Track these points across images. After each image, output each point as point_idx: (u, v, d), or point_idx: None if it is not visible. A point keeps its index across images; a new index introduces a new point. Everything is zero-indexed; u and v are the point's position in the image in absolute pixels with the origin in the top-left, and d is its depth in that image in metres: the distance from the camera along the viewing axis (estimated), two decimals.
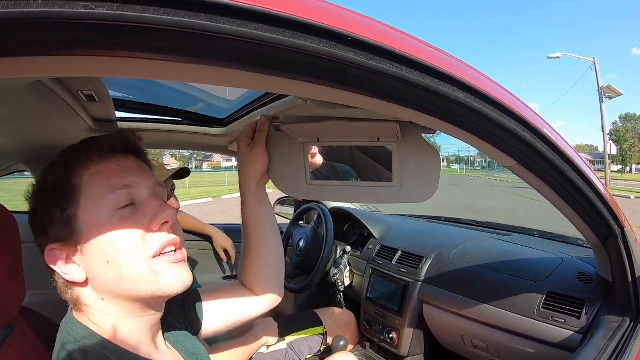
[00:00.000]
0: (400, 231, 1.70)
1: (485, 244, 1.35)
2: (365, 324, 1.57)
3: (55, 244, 0.55)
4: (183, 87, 1.48)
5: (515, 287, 1.06)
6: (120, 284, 0.55)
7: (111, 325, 0.58)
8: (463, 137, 0.60)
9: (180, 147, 1.80)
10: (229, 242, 2.03)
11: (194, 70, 0.40)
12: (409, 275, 1.38)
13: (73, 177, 0.56)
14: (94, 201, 0.55)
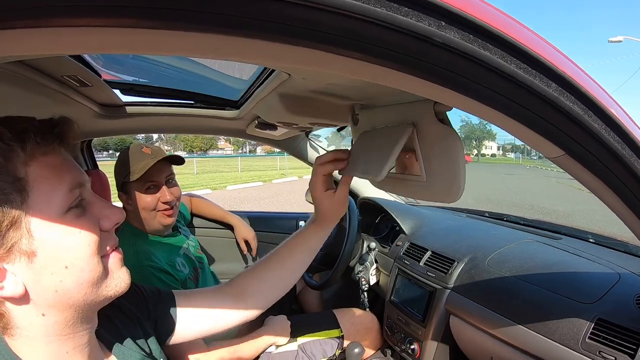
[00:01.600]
0: (433, 227, 1.52)
1: (529, 249, 1.14)
2: (387, 330, 1.43)
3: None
4: (196, 67, 1.41)
5: (558, 307, 0.86)
6: (74, 290, 0.50)
7: (45, 350, 0.52)
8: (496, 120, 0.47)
9: (196, 132, 1.75)
10: (251, 233, 1.98)
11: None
12: (437, 281, 1.21)
13: (17, 167, 0.47)
14: (45, 198, 0.48)
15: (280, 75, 0.83)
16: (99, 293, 0.53)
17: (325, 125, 1.37)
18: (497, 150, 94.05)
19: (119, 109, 1.37)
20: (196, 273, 1.41)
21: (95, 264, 0.52)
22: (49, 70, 0.86)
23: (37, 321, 0.50)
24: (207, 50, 0.37)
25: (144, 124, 1.52)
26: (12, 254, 0.46)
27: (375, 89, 0.67)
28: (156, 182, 1.30)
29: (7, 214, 0.45)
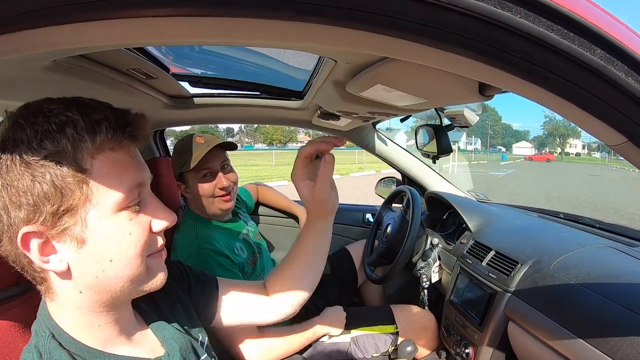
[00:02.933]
0: (500, 226, 1.42)
1: (599, 255, 1.01)
2: (444, 331, 1.39)
3: (35, 227, 0.48)
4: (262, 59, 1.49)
5: (624, 324, 0.76)
6: (113, 281, 0.54)
7: (79, 319, 0.56)
8: (550, 103, 0.44)
9: (261, 122, 1.84)
10: None
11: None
12: (498, 283, 1.14)
13: (84, 157, 0.49)
14: (104, 194, 0.51)
15: (328, 62, 0.84)
16: (136, 288, 0.57)
17: (385, 114, 1.35)
18: (582, 148, 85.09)
19: (187, 100, 1.49)
20: (254, 258, 1.48)
21: (139, 264, 0.55)
22: (114, 64, 0.95)
23: (74, 296, 0.54)
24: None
25: (211, 114, 1.64)
26: (64, 235, 0.50)
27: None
28: (211, 169, 1.37)
29: (66, 199, 0.48)
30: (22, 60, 0.65)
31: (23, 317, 0.69)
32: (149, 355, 0.62)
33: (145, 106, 1.39)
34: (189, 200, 1.44)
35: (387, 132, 13.87)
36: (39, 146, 0.47)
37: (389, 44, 0.41)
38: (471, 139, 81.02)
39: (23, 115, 0.49)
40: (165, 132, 1.95)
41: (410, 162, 2.08)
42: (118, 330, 0.60)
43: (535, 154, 69.10)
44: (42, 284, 0.54)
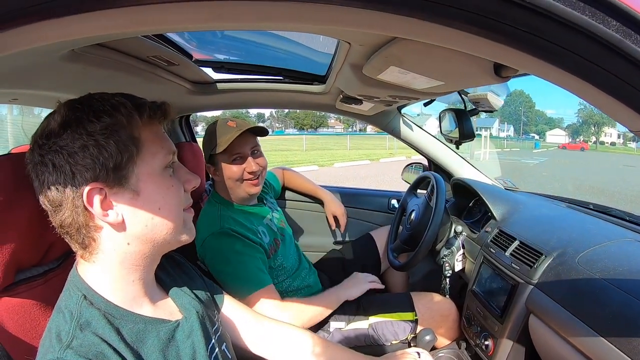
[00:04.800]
0: (526, 215, 1.36)
1: (627, 249, 0.95)
2: (464, 321, 1.36)
3: (98, 184, 0.59)
4: (284, 44, 1.48)
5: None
6: (159, 228, 0.65)
7: (117, 274, 0.65)
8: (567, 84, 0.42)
9: (283, 106, 1.85)
10: (341, 209, 2.02)
11: None
12: (521, 274, 1.10)
13: (134, 129, 0.62)
14: (152, 155, 0.64)
15: (343, 45, 0.82)
16: (175, 236, 0.67)
17: (406, 98, 1.32)
18: (618, 138, 79.98)
19: (210, 85, 1.51)
20: (276, 245, 1.50)
21: (178, 212, 0.67)
22: (134, 52, 0.98)
23: (122, 248, 0.64)
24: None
25: (235, 99, 1.65)
26: (122, 190, 0.61)
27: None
28: (242, 153, 1.38)
29: (124, 159, 0.60)
30: (39, 51, 0.68)
31: (46, 296, 0.73)
32: (169, 318, 0.71)
33: (169, 92, 1.42)
34: (216, 183, 1.47)
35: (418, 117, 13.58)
36: (99, 120, 0.59)
37: (397, 23, 0.40)
38: (504, 125, 78.04)
39: (78, 102, 0.61)
40: (196, 119, 1.99)
41: (436, 148, 2.03)
42: (145, 290, 0.69)
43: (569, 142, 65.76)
44: (88, 247, 0.63)
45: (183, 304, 0.75)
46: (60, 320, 0.60)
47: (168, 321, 0.69)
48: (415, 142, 2.04)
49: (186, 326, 0.71)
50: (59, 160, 0.58)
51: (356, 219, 2.15)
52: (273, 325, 0.96)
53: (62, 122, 0.59)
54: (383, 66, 0.73)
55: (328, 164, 14.90)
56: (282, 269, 1.49)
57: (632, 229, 1.10)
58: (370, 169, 13.27)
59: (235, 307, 0.93)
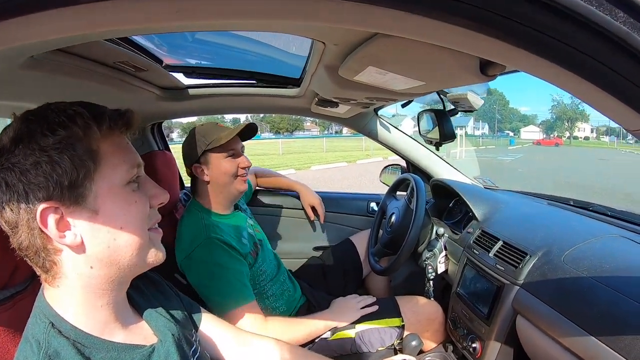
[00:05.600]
0: (508, 214, 1.36)
1: (612, 245, 0.96)
2: (450, 324, 1.35)
3: (52, 204, 0.54)
4: (256, 46, 1.44)
5: (638, 320, 0.72)
6: (123, 250, 0.60)
7: (83, 300, 0.60)
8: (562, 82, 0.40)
9: (258, 111, 1.80)
10: (317, 199, 2.00)
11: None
12: (506, 275, 1.09)
13: (92, 141, 0.58)
14: (111, 169, 0.59)
15: (318, 46, 0.79)
16: (141, 258, 0.63)
17: (384, 100, 1.29)
18: (591, 132, 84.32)
19: (182, 91, 1.45)
20: (256, 248, 1.48)
21: (143, 232, 0.62)
22: (100, 58, 0.92)
23: (85, 272, 0.59)
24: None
25: (208, 105, 1.60)
26: (79, 208, 0.56)
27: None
28: (236, 150, 1.41)
29: (80, 175, 0.55)
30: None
31: (14, 322, 0.69)
32: (143, 343, 0.66)
33: (138, 100, 1.35)
34: (199, 188, 1.44)
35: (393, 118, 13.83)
36: (53, 133, 0.54)
37: (379, 16, 0.37)
38: (479, 123, 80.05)
39: (32, 113, 0.57)
40: (172, 125, 1.93)
41: (414, 149, 2.02)
42: (115, 315, 0.64)
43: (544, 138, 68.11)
44: (50, 271, 0.58)
45: (158, 327, 0.70)
46: (27, 350, 0.56)
47: (142, 346, 0.65)
48: (392, 144, 2.03)
49: (162, 350, 0.67)
50: (12, 179, 0.54)
51: (335, 224, 2.12)
52: (255, 342, 0.93)
53: (14, 137, 0.55)
54: (360, 67, 0.70)
55: (305, 167, 14.87)
56: (262, 273, 1.46)
57: (615, 224, 1.11)
58: (347, 171, 13.32)
59: (214, 324, 0.89)
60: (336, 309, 1.44)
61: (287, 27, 0.64)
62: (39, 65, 0.77)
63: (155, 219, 0.67)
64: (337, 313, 1.41)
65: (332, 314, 1.41)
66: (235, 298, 1.24)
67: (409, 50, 0.53)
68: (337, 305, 1.46)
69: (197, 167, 1.40)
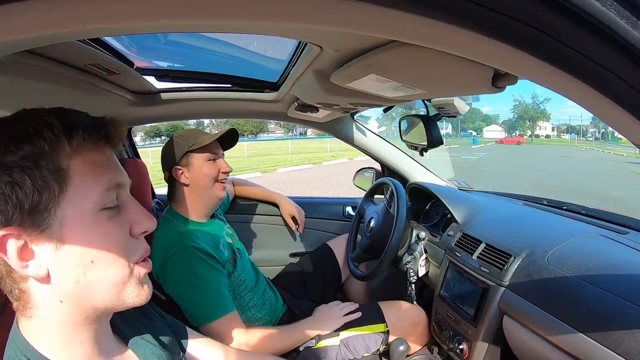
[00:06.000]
0: (488, 216, 1.40)
1: (593, 245, 1.01)
2: (435, 326, 1.37)
3: (12, 229, 0.47)
4: (232, 49, 1.39)
5: (625, 316, 0.75)
6: (95, 287, 0.53)
7: (60, 335, 0.54)
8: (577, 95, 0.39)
9: (234, 116, 1.76)
10: (297, 208, 1.98)
11: None
12: (491, 277, 1.12)
13: (61, 158, 0.49)
14: (82, 193, 0.51)
15: (311, 49, 0.77)
16: (118, 297, 0.55)
17: (368, 105, 1.29)
18: (552, 131, 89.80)
19: (154, 96, 1.39)
20: (235, 256, 1.45)
21: (121, 267, 0.54)
22: (70, 60, 0.86)
23: (55, 306, 0.52)
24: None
25: (181, 109, 1.54)
26: (43, 236, 0.49)
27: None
28: (217, 154, 1.40)
29: (44, 199, 0.48)
30: None
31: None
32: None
33: (108, 105, 1.28)
34: (177, 194, 1.39)
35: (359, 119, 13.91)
36: (16, 148, 0.47)
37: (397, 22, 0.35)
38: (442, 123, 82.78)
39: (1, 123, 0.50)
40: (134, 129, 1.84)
41: (390, 152, 2.04)
42: (98, 349, 0.58)
43: (506, 137, 71.20)
44: (20, 299, 0.52)
45: (145, 355, 0.66)
46: None
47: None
48: (368, 148, 2.04)
49: None
50: None
51: (312, 229, 2.11)
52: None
53: None
54: (361, 74, 0.68)
55: (271, 169, 14.74)
56: (242, 282, 1.43)
57: (590, 222, 1.17)
58: (314, 173, 13.34)
59: (202, 345, 0.85)
60: (319, 316, 1.43)
61: (285, 30, 0.61)
62: (5, 68, 0.71)
63: (141, 250, 0.57)
64: (320, 321, 1.40)
65: (315, 322, 1.39)
66: (215, 309, 1.21)
67: (423, 59, 0.52)
68: (320, 312, 1.45)
69: (178, 169, 1.36)
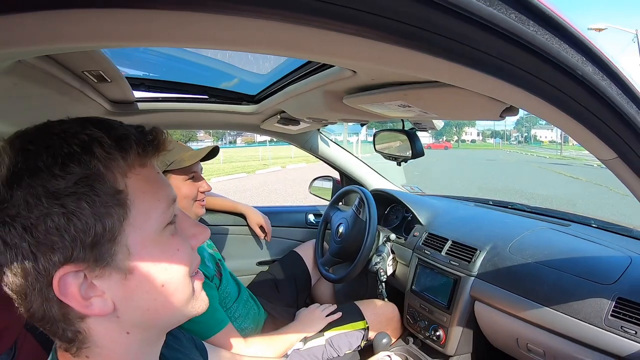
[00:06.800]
0: (448, 217, 1.61)
1: (545, 236, 1.25)
2: (409, 318, 1.52)
3: (72, 267, 0.42)
4: (209, 61, 1.43)
5: (580, 290, 0.97)
6: (165, 310, 0.49)
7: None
8: (557, 121, 0.51)
9: (208, 127, 1.78)
10: (263, 218, 2.04)
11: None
12: (461, 269, 1.30)
13: (117, 178, 0.44)
14: (145, 214, 0.46)
15: (341, 73, 0.82)
16: (184, 312, 0.52)
17: (357, 120, 1.42)
18: (477, 136, 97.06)
19: (130, 105, 1.37)
20: (219, 269, 1.47)
21: (187, 284, 0.51)
22: (72, 65, 0.83)
23: (121, 339, 0.49)
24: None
25: (157, 120, 1.53)
26: (107, 270, 0.44)
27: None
28: (196, 173, 1.37)
29: (107, 228, 0.43)
30: None
31: None
32: None
33: (85, 113, 1.24)
34: None
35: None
36: (64, 172, 0.40)
37: (447, 69, 0.42)
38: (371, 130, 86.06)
39: (30, 140, 0.42)
40: None
41: (350, 162, 2.20)
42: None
43: (434, 142, 74.81)
44: (74, 341, 0.46)
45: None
46: None
47: None
48: (331, 158, 2.18)
49: None
50: (12, 237, 0.40)
51: (276, 237, 2.17)
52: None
53: (8, 177, 0.40)
54: (387, 99, 0.80)
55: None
56: (228, 294, 1.46)
57: (535, 217, 1.42)
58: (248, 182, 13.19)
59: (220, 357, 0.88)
60: (303, 319, 1.51)
61: (336, 59, 0.66)
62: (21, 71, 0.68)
63: (197, 262, 0.54)
64: (305, 323, 1.48)
65: (301, 325, 1.47)
66: (212, 324, 1.22)
67: (455, 94, 0.64)
68: (303, 315, 1.53)
69: None
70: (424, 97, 0.72)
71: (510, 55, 0.37)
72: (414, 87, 0.68)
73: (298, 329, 1.44)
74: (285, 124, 1.54)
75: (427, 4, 0.30)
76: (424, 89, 0.67)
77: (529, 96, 0.46)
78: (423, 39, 0.33)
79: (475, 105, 0.69)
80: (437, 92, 0.65)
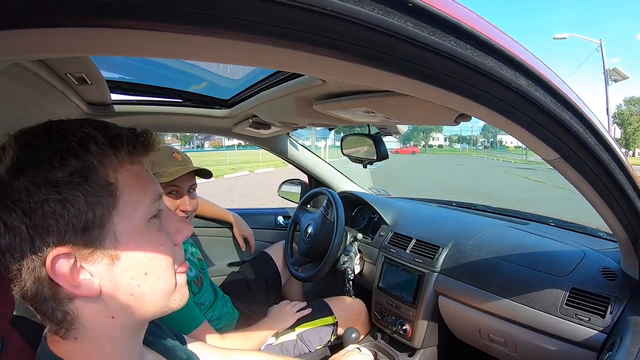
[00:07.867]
0: (413, 218, 1.70)
1: (504, 234, 1.34)
2: (376, 314, 1.59)
3: (64, 249, 0.46)
4: (184, 65, 1.46)
5: (537, 282, 1.06)
6: (148, 298, 0.53)
7: (110, 352, 0.54)
8: (505, 126, 0.58)
9: (181, 130, 1.79)
10: (250, 231, 2.08)
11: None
12: (425, 266, 1.39)
13: (109, 172, 0.49)
14: (132, 206, 0.51)
15: (312, 81, 0.87)
16: (166, 304, 0.56)
17: (326, 125, 1.48)
18: (444, 141, 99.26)
19: (107, 107, 1.36)
20: (200, 276, 1.49)
21: (171, 276, 0.55)
22: (57, 67, 0.84)
23: (107, 322, 0.52)
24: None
25: (131, 122, 1.52)
26: (96, 254, 0.48)
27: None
28: (179, 188, 1.31)
29: (97, 215, 0.47)
30: None
31: None
32: None
33: (61, 115, 1.23)
34: None
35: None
36: (62, 164, 0.46)
37: (402, 82, 0.47)
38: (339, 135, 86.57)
39: (33, 135, 0.48)
40: None
41: (318, 165, 2.27)
42: (140, 358, 0.61)
43: (401, 147, 75.64)
44: (62, 322, 0.50)
45: (174, 358, 0.70)
46: None
47: None
48: (300, 161, 2.23)
49: None
50: (12, 220, 0.45)
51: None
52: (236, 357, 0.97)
53: (12, 167, 0.46)
54: (353, 106, 0.87)
55: None
56: (201, 304, 1.48)
57: (496, 217, 1.52)
58: (216, 186, 13.02)
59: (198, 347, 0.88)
60: (274, 315, 1.54)
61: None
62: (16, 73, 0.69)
63: (180, 257, 0.58)
64: (276, 319, 1.52)
65: (272, 321, 1.51)
66: (188, 321, 1.23)
67: (412, 102, 0.71)
68: (274, 312, 1.56)
69: None
70: (386, 104, 0.79)
71: (454, 71, 0.44)
72: (378, 95, 0.75)
73: (270, 324, 1.48)
74: (256, 128, 1.58)
75: (386, 33, 0.37)
76: (385, 97, 0.74)
77: (476, 105, 0.52)
78: (382, 59, 0.39)
79: (431, 112, 0.77)
80: (397, 100, 0.73)
